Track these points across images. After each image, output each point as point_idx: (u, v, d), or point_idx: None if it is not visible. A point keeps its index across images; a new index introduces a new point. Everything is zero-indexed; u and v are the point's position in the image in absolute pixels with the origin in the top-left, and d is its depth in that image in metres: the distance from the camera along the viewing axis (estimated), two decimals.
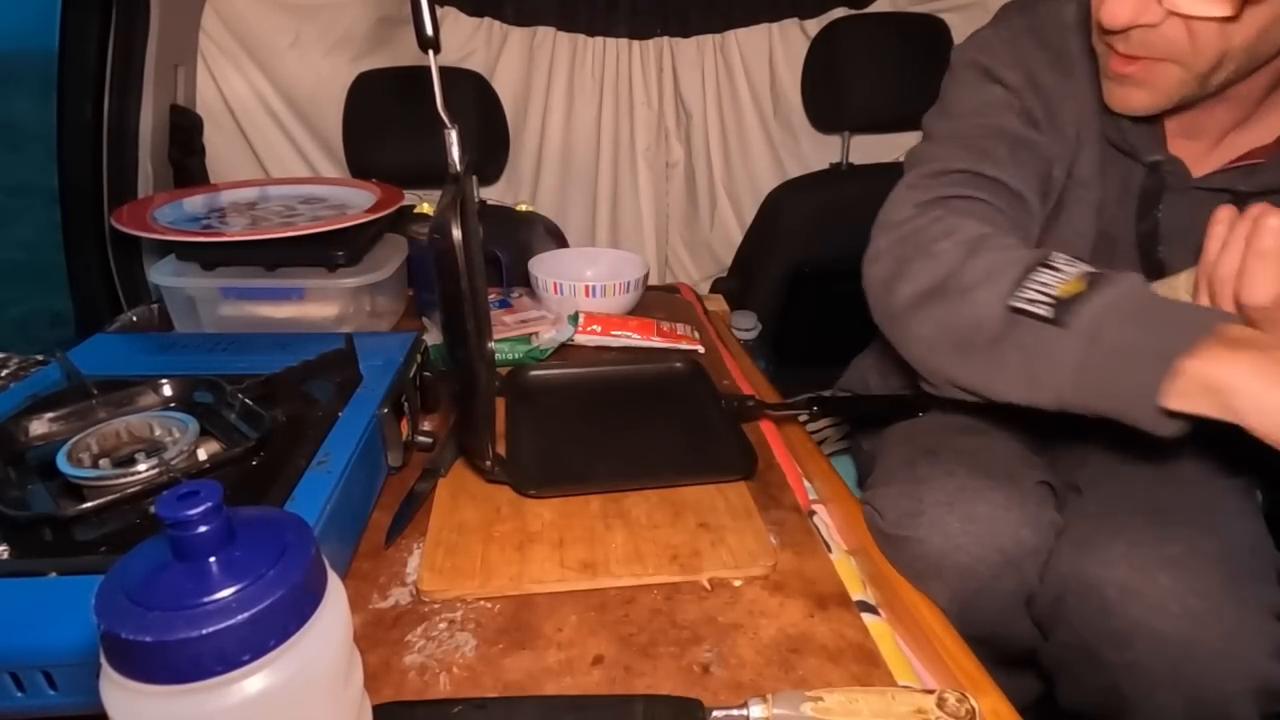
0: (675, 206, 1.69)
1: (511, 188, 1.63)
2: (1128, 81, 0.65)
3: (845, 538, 0.74)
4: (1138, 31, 0.61)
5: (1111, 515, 0.64)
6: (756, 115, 1.62)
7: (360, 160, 1.45)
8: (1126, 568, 0.60)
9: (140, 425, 0.67)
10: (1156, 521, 0.62)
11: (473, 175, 0.71)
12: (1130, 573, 0.60)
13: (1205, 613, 0.58)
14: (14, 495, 0.59)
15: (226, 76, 1.43)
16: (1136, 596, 0.59)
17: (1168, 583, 0.59)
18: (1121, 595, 0.60)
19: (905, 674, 0.58)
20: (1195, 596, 0.58)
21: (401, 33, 1.46)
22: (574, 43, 1.54)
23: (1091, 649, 0.62)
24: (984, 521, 0.64)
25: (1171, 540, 0.61)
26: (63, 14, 1.13)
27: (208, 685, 0.32)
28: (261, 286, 1.02)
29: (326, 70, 1.45)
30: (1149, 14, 0.59)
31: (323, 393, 0.75)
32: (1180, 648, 0.58)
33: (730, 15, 1.55)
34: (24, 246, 3.19)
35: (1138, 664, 0.59)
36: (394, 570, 0.66)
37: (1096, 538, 0.63)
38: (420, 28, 0.59)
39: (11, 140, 4.57)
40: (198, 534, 0.33)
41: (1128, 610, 0.59)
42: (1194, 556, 0.59)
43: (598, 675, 0.56)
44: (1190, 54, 0.60)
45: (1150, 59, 0.62)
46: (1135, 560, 0.60)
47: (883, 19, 1.56)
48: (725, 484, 0.76)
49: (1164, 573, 0.59)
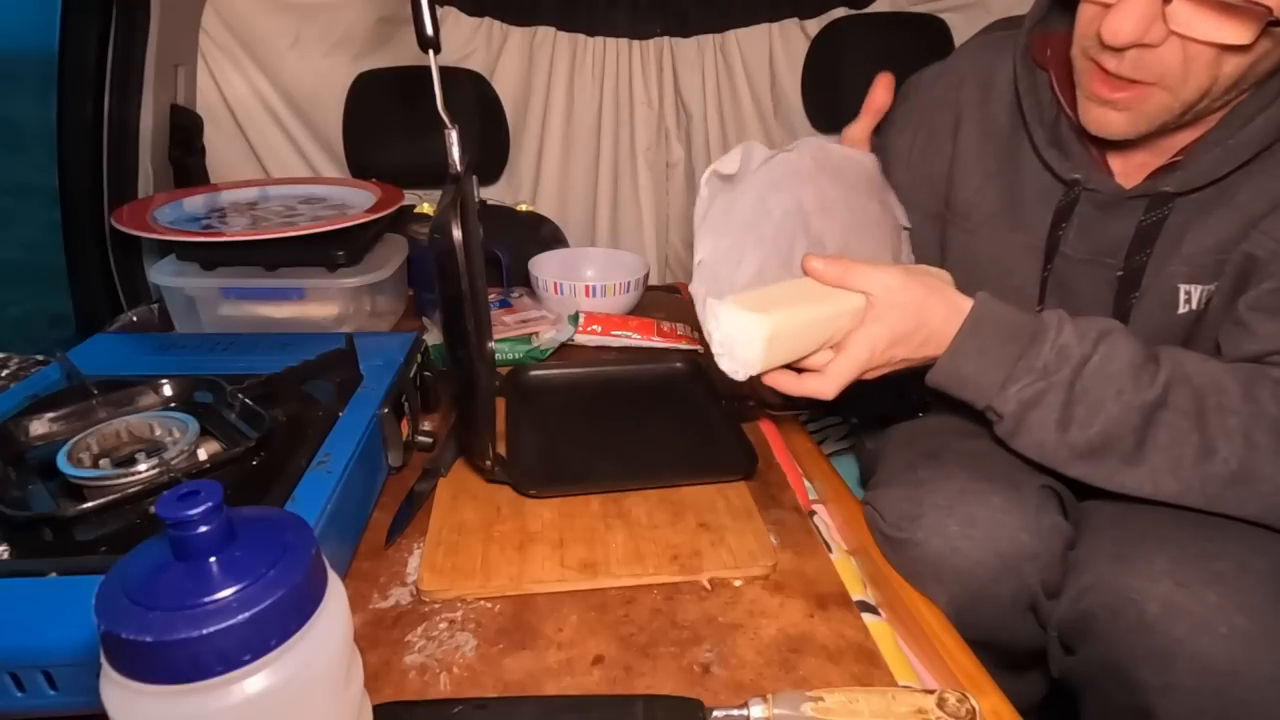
0: (675, 206, 1.69)
1: (511, 188, 1.63)
2: (1111, 105, 0.63)
3: (845, 538, 0.74)
4: (1134, 52, 0.59)
5: (1154, 527, 0.61)
6: (756, 115, 1.62)
7: (360, 160, 1.45)
8: (1170, 583, 0.56)
9: (140, 425, 0.67)
10: (1203, 535, 0.59)
11: (473, 175, 0.70)
12: (1174, 588, 0.56)
13: (1255, 634, 0.54)
14: (14, 495, 0.59)
15: (227, 76, 1.43)
16: (1180, 613, 0.55)
17: (1215, 600, 0.55)
18: (1164, 611, 0.56)
19: (905, 674, 0.58)
20: (1243, 616, 0.54)
21: (401, 33, 1.46)
22: (574, 43, 1.54)
23: (1125, 668, 0.58)
24: (983, 525, 0.64)
25: (1220, 556, 0.57)
26: (63, 14, 1.12)
27: (208, 685, 0.32)
28: (261, 286, 1.02)
29: (326, 70, 1.45)
30: (1153, 34, 0.58)
31: (323, 393, 0.75)
32: (1226, 672, 0.54)
33: (730, 15, 1.55)
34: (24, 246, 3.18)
35: (1178, 686, 0.55)
36: (394, 570, 0.66)
37: (1138, 549, 0.59)
38: (420, 28, 0.59)
39: (11, 140, 4.56)
40: (198, 534, 0.33)
41: (1170, 628, 0.55)
42: (1244, 575, 0.56)
43: (598, 675, 0.56)
44: (1180, 80, 0.59)
45: (1140, 83, 0.61)
46: (1180, 575, 0.56)
47: (883, 19, 1.56)
48: (725, 484, 0.76)
49: (1211, 589, 0.55)
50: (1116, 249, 0.70)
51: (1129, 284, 0.70)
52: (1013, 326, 0.64)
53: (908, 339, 0.65)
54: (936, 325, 0.65)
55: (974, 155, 0.78)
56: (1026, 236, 0.74)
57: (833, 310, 0.65)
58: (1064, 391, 0.62)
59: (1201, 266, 0.67)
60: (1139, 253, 0.69)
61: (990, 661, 0.60)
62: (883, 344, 0.65)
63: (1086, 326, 0.64)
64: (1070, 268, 0.73)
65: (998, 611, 0.66)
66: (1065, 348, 0.63)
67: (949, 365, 0.66)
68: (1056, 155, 0.71)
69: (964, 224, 0.79)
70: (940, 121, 0.81)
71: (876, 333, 0.65)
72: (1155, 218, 0.67)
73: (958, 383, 0.66)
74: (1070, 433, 0.62)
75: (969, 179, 0.78)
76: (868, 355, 0.65)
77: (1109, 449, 0.61)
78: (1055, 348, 0.63)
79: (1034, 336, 0.64)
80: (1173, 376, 0.61)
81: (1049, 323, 0.64)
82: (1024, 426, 0.64)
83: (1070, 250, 0.72)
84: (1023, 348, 0.63)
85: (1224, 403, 0.60)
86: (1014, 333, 0.64)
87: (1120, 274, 0.70)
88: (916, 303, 0.65)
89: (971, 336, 0.65)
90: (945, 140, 0.81)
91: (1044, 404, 0.63)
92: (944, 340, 0.66)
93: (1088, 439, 0.62)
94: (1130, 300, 0.70)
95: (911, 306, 0.64)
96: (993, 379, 0.64)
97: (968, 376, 0.65)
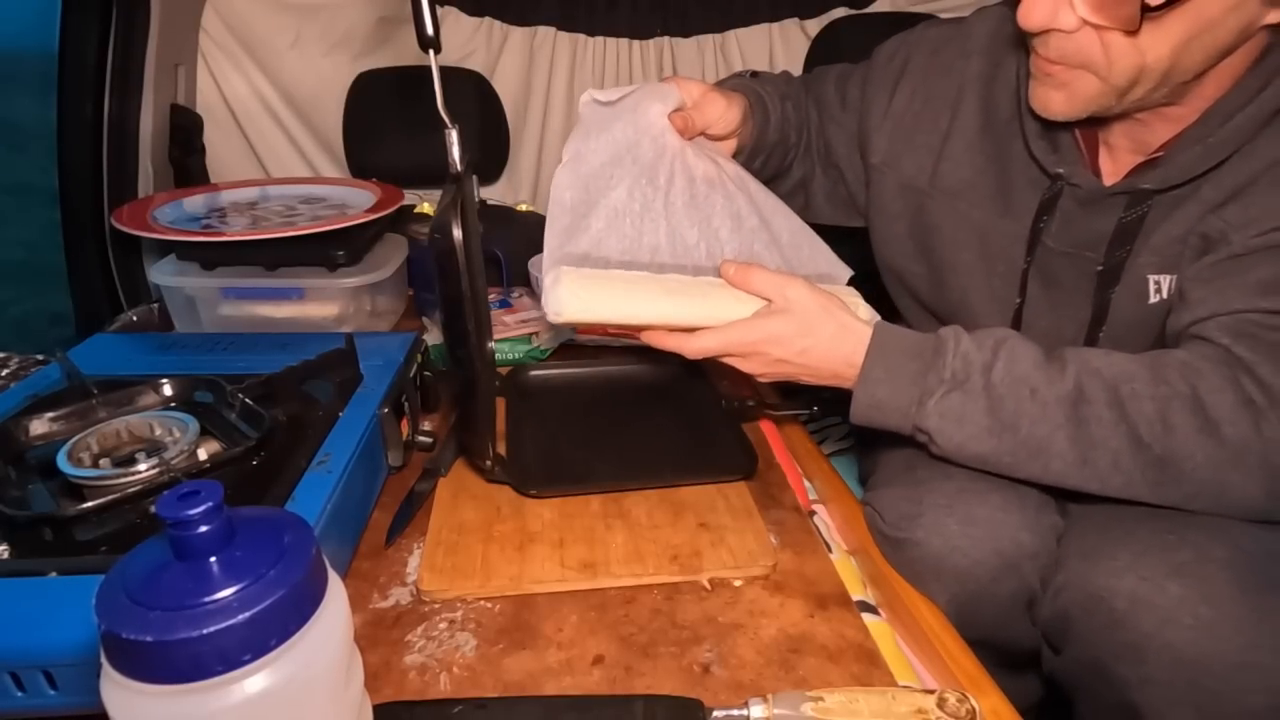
0: None
1: (511, 188, 1.63)
2: (1049, 82, 0.65)
3: (845, 538, 0.74)
4: (1055, 37, 0.62)
5: (1117, 523, 0.62)
6: None
7: (360, 160, 1.45)
8: (1134, 577, 0.57)
9: (140, 425, 0.67)
10: (1164, 528, 0.60)
11: (473, 175, 0.70)
12: (1138, 582, 0.57)
13: (1219, 623, 0.54)
14: (14, 495, 0.59)
15: (227, 76, 1.43)
16: (1146, 607, 0.56)
17: (1178, 591, 0.56)
18: (1131, 606, 0.57)
19: (905, 674, 0.58)
20: (1207, 606, 0.55)
21: (401, 33, 1.46)
22: (574, 43, 1.53)
23: (1104, 665, 0.59)
24: (982, 524, 0.64)
25: (1180, 547, 0.58)
26: (63, 14, 1.12)
27: (208, 685, 0.32)
28: (261, 286, 1.02)
29: (326, 70, 1.45)
30: (1063, 20, 0.60)
31: (323, 393, 0.75)
32: (1195, 662, 0.54)
33: (730, 15, 1.55)
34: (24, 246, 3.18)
35: (1154, 680, 0.56)
36: (394, 570, 0.66)
37: (1102, 547, 0.61)
38: (420, 28, 0.59)
39: (11, 140, 4.56)
40: (198, 534, 0.33)
41: (1138, 622, 0.56)
42: (1204, 564, 0.56)
43: (598, 675, 0.56)
44: (1105, 65, 0.61)
45: (1067, 65, 0.63)
46: (1143, 569, 0.57)
47: (883, 19, 1.56)
48: (725, 484, 0.76)
49: (1173, 581, 0.56)
50: (1097, 243, 0.70)
51: (1108, 279, 0.70)
52: (914, 345, 0.66)
53: (788, 342, 0.67)
54: (821, 339, 0.66)
55: (974, 136, 0.77)
56: (1015, 225, 0.74)
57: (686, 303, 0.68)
58: (982, 398, 0.63)
59: (1168, 257, 0.68)
60: (1119, 248, 0.69)
61: (990, 661, 0.60)
62: (758, 334, 0.67)
63: (983, 336, 0.65)
64: (1052, 259, 0.73)
65: (998, 610, 0.66)
66: (967, 354, 0.64)
67: (864, 395, 0.66)
68: (1044, 148, 0.71)
69: (953, 203, 0.78)
70: (941, 89, 0.80)
71: (756, 324, 0.67)
72: (1135, 215, 0.68)
73: (877, 410, 0.67)
74: (1003, 438, 0.63)
75: (969, 158, 0.77)
76: (737, 337, 0.67)
77: (1045, 450, 0.62)
78: (958, 356, 0.64)
79: (936, 350, 0.65)
80: (1081, 370, 0.62)
81: (946, 337, 0.66)
82: (956, 443, 0.64)
83: (1053, 242, 0.73)
84: (928, 362, 0.65)
85: (1136, 389, 0.60)
86: (917, 351, 0.65)
87: (1100, 269, 0.70)
88: (806, 313, 0.67)
89: (878, 362, 0.66)
90: (943, 110, 0.79)
91: (966, 416, 0.63)
92: (828, 357, 0.67)
93: (1020, 441, 0.62)
94: (1109, 294, 0.71)
95: (799, 314, 0.66)
96: (908, 396, 0.65)
97: (884, 400, 0.66)
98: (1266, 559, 0.57)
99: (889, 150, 0.82)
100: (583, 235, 0.68)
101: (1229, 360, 0.60)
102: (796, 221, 0.80)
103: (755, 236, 0.75)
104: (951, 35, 0.81)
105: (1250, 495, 0.58)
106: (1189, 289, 0.65)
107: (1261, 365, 0.58)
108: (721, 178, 0.74)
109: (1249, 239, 0.62)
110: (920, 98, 0.80)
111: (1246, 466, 0.58)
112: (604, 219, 0.68)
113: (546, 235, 0.67)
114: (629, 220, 0.69)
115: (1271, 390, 0.58)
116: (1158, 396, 0.59)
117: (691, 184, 0.72)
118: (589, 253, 0.68)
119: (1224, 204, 0.64)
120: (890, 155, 0.82)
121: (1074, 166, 0.70)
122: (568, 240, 0.67)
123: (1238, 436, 0.57)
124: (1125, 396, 0.60)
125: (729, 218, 0.74)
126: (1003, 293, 0.76)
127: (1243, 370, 0.59)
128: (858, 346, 0.66)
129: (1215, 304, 0.62)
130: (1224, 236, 0.63)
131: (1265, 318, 0.60)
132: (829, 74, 0.90)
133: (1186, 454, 0.58)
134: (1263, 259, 0.61)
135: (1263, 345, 0.59)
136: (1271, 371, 0.58)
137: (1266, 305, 0.60)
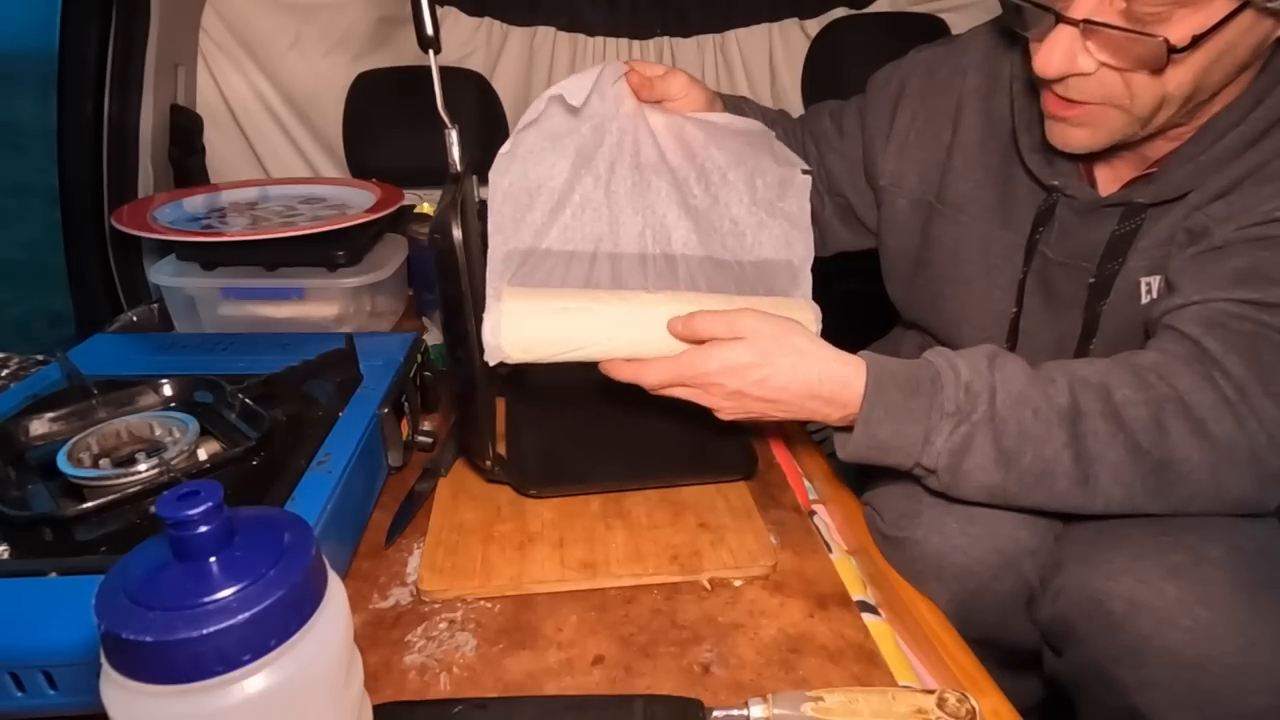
0: None
1: None
2: (1069, 121, 0.65)
3: (845, 538, 0.74)
4: (1074, 79, 0.61)
5: (1112, 525, 0.62)
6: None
7: (360, 160, 1.45)
8: (1131, 579, 0.57)
9: (140, 425, 0.67)
10: (1158, 529, 0.59)
11: (473, 175, 0.70)
12: (1136, 584, 0.57)
13: (1216, 624, 0.54)
14: (14, 495, 0.59)
15: (227, 76, 1.43)
16: (1144, 609, 0.56)
17: (1175, 593, 0.55)
18: (1129, 609, 0.57)
19: (905, 674, 0.58)
20: (1204, 607, 0.55)
21: (401, 33, 1.46)
22: (574, 43, 1.53)
23: (1104, 668, 0.59)
24: (982, 522, 0.64)
25: (1175, 548, 0.58)
26: (63, 14, 1.12)
27: (208, 685, 0.32)
28: (261, 286, 1.02)
29: (326, 70, 1.45)
30: (1083, 64, 0.60)
31: (323, 393, 0.75)
32: (1194, 664, 0.54)
33: (730, 15, 1.55)
34: (24, 246, 3.18)
35: (1154, 683, 0.56)
36: (394, 570, 0.66)
37: (1099, 550, 0.61)
38: (420, 28, 0.59)
39: (11, 140, 4.56)
40: (198, 534, 0.33)
41: (1137, 625, 0.56)
42: (1200, 565, 0.56)
43: (598, 675, 0.56)
44: (1128, 99, 0.61)
45: (1088, 103, 0.62)
46: (1139, 571, 0.57)
47: (883, 19, 1.56)
48: (725, 484, 0.76)
49: (1170, 582, 0.56)
50: (1092, 254, 0.70)
51: (1099, 291, 0.70)
52: (910, 379, 0.63)
53: (743, 371, 0.63)
54: (780, 368, 0.63)
55: (976, 149, 0.77)
56: (1014, 235, 0.75)
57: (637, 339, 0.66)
58: (989, 429, 0.60)
59: (1157, 259, 0.68)
60: (1111, 261, 0.69)
61: (990, 661, 0.60)
62: (712, 364, 0.63)
63: (974, 359, 0.62)
64: (1050, 269, 0.73)
65: (998, 609, 0.66)
66: (970, 384, 0.61)
67: (865, 436, 0.63)
68: (1039, 160, 0.71)
69: (956, 216, 0.78)
70: (940, 106, 0.80)
71: (709, 352, 0.64)
72: (1129, 228, 0.68)
73: (879, 450, 0.63)
74: (1011, 468, 0.60)
75: (970, 172, 0.77)
76: (689, 368, 0.64)
77: (1050, 473, 0.60)
78: (960, 386, 0.61)
79: (934, 381, 0.62)
80: (1072, 381, 0.61)
81: (939, 365, 0.63)
82: (962, 476, 0.62)
83: (1050, 252, 0.73)
84: (930, 397, 0.62)
85: (1127, 396, 0.59)
86: (914, 385, 0.62)
87: (1092, 280, 0.70)
88: (759, 339, 0.63)
89: (879, 400, 0.62)
90: (944, 126, 0.80)
91: (974, 448, 0.60)
92: (789, 387, 0.63)
93: (1029, 468, 0.60)
94: (1100, 306, 0.71)
95: (752, 341, 0.63)
96: (913, 436, 0.62)
97: (888, 441, 0.62)
98: (1261, 555, 0.58)
99: (896, 171, 0.83)
100: (525, 229, 0.67)
101: (1199, 355, 0.59)
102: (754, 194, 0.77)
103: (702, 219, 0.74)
104: (945, 55, 0.82)
105: (1244, 490, 0.58)
106: (1175, 279, 0.65)
107: (1229, 357, 0.58)
108: (669, 159, 0.74)
109: (1229, 232, 0.62)
110: (921, 117, 0.81)
111: (1238, 463, 0.58)
112: (545, 209, 0.68)
113: (490, 231, 0.66)
114: (569, 211, 0.69)
115: (1240, 383, 0.58)
116: (1149, 401, 0.59)
117: (636, 170, 0.71)
118: (533, 247, 0.67)
119: (1209, 203, 0.64)
120: (897, 175, 0.83)
121: (1069, 178, 0.71)
122: (512, 235, 0.66)
123: (1225, 434, 0.57)
124: (1119, 404, 0.59)
125: (674, 205, 0.73)
126: (1001, 304, 0.76)
127: (1212, 364, 0.59)
128: (823, 373, 0.63)
129: (1190, 291, 0.62)
130: (1206, 230, 0.64)
131: (1238, 307, 0.60)
132: (823, 109, 0.92)
133: (1183, 456, 0.58)
134: (1240, 250, 0.61)
135: (1232, 336, 0.59)
136: (1239, 363, 0.58)
137: (1240, 295, 0.60)
